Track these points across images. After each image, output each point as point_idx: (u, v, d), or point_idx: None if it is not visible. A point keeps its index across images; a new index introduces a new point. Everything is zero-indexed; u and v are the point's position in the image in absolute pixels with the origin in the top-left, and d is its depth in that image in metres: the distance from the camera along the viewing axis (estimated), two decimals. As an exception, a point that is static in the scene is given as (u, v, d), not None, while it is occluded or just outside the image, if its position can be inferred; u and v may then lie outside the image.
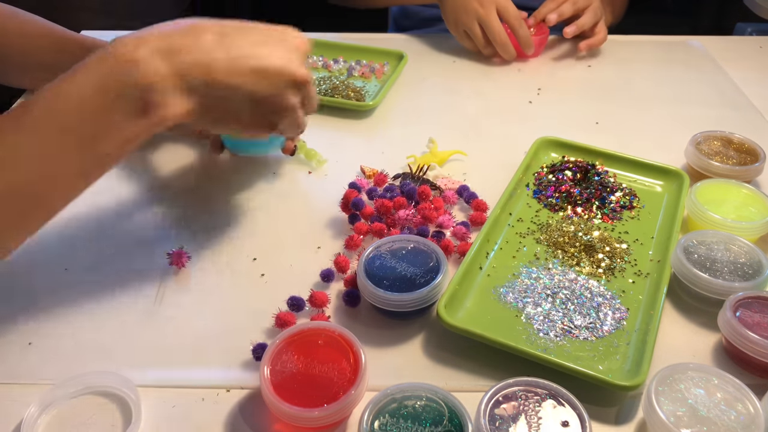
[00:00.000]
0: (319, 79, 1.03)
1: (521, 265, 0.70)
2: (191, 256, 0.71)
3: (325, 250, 0.73)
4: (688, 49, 1.17)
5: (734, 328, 0.60)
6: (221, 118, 0.61)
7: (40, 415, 0.55)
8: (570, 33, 1.10)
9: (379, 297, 0.62)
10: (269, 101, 0.61)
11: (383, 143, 0.90)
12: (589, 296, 0.66)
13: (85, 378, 0.57)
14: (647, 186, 0.82)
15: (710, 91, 1.04)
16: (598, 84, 1.06)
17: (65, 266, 0.70)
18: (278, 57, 0.60)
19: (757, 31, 1.38)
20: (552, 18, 1.08)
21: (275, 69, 0.60)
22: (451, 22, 1.11)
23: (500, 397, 0.54)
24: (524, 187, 0.81)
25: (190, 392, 0.59)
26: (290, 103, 0.62)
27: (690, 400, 0.54)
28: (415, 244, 0.67)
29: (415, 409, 0.53)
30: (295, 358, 0.57)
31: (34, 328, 0.64)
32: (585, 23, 1.10)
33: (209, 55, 0.57)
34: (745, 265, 0.67)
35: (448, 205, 0.78)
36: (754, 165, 0.80)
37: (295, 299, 0.65)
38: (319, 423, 0.54)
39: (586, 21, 1.10)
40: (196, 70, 0.56)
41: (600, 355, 0.61)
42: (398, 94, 1.02)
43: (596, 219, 0.76)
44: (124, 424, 0.55)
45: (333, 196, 0.79)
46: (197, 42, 0.57)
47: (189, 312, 0.66)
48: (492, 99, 1.02)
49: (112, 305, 0.66)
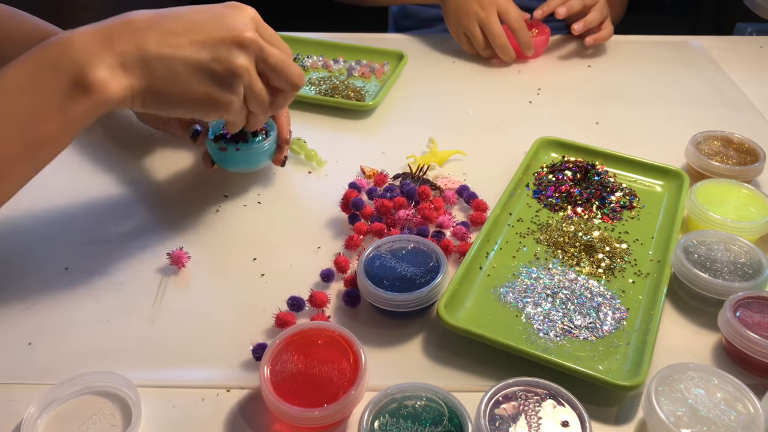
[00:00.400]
0: (319, 79, 1.03)
1: (521, 265, 0.70)
2: (191, 256, 0.71)
3: (325, 250, 0.73)
4: (688, 49, 1.17)
5: (734, 328, 0.60)
6: (170, 95, 0.59)
7: (40, 415, 0.55)
8: (578, 30, 1.10)
9: (379, 297, 0.62)
10: (215, 67, 0.59)
11: (383, 143, 0.90)
12: (589, 296, 0.66)
13: (85, 378, 0.57)
14: (647, 186, 0.82)
15: (710, 91, 1.04)
16: (598, 84, 1.06)
17: (65, 266, 0.70)
18: (217, 23, 0.60)
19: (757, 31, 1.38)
20: (561, 12, 1.08)
21: (215, 35, 0.59)
22: (452, 24, 1.11)
23: (500, 397, 0.54)
24: (524, 187, 0.81)
25: (190, 392, 0.59)
26: (238, 63, 0.60)
27: (690, 400, 0.54)
28: (415, 244, 0.67)
29: (415, 409, 0.53)
30: (295, 358, 0.57)
31: (34, 328, 0.64)
32: (593, 20, 1.10)
33: (141, 32, 0.57)
34: (745, 265, 0.67)
35: (448, 205, 0.78)
36: (754, 165, 0.80)
37: (295, 299, 0.65)
38: (319, 423, 0.54)
39: (594, 18, 1.10)
40: (129, 45, 0.56)
41: (600, 355, 0.61)
42: (398, 94, 1.02)
43: (596, 219, 0.76)
44: (124, 424, 0.55)
45: (333, 196, 0.79)
46: (129, 24, 0.58)
47: (189, 312, 0.66)
48: (492, 99, 1.02)
49: (112, 305, 0.66)
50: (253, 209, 0.79)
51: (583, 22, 1.10)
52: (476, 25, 1.07)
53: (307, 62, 1.07)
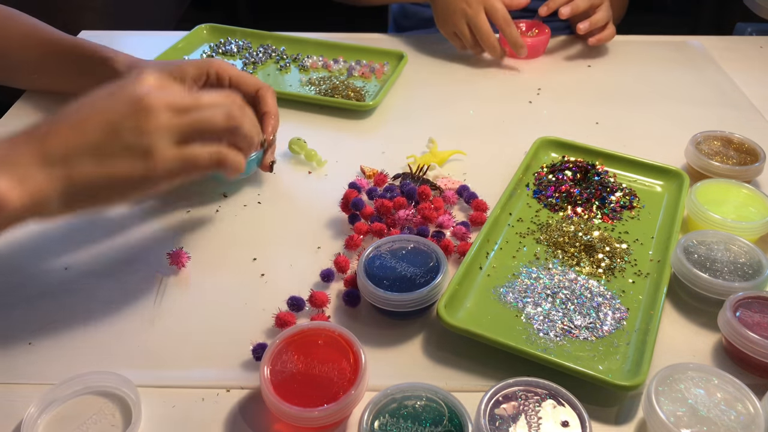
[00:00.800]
0: (319, 79, 1.03)
1: (521, 265, 0.70)
2: (191, 256, 0.71)
3: (325, 250, 0.73)
4: (688, 49, 1.17)
5: (734, 328, 0.60)
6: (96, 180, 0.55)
7: (40, 415, 0.55)
8: (584, 29, 1.10)
9: (379, 297, 0.62)
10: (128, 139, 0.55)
11: (383, 143, 0.90)
12: (589, 296, 0.66)
13: (85, 378, 0.57)
14: (647, 186, 0.82)
15: (710, 91, 1.04)
16: (598, 84, 1.06)
17: (65, 266, 0.70)
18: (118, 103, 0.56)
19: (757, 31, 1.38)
20: (565, 11, 1.07)
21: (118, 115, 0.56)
22: (440, 22, 1.11)
23: (500, 397, 0.54)
24: (524, 187, 0.81)
25: (190, 392, 0.59)
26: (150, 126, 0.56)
27: (690, 400, 0.54)
28: (415, 244, 0.67)
29: (415, 409, 0.53)
30: (295, 358, 0.57)
31: (34, 328, 0.64)
32: (599, 20, 1.10)
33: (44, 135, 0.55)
34: (745, 265, 0.67)
35: (448, 205, 0.78)
36: (754, 165, 0.80)
37: (295, 299, 0.65)
38: (319, 423, 0.54)
39: (600, 18, 1.10)
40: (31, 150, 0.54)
41: (600, 355, 0.61)
42: (398, 94, 1.02)
43: (596, 219, 0.76)
44: (124, 424, 0.55)
45: (333, 196, 0.79)
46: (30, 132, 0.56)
47: (189, 312, 0.66)
48: (492, 99, 1.02)
49: (112, 305, 0.66)
50: (253, 209, 0.79)
51: (589, 21, 1.09)
52: (464, 23, 1.07)
53: (307, 62, 1.07)
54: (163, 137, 0.56)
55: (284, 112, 0.88)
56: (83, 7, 1.26)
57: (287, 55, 1.10)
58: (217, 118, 0.59)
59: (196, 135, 0.58)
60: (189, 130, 0.58)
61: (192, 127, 0.58)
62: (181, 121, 0.57)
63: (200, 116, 0.58)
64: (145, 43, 1.14)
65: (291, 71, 1.06)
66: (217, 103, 0.60)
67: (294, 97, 0.98)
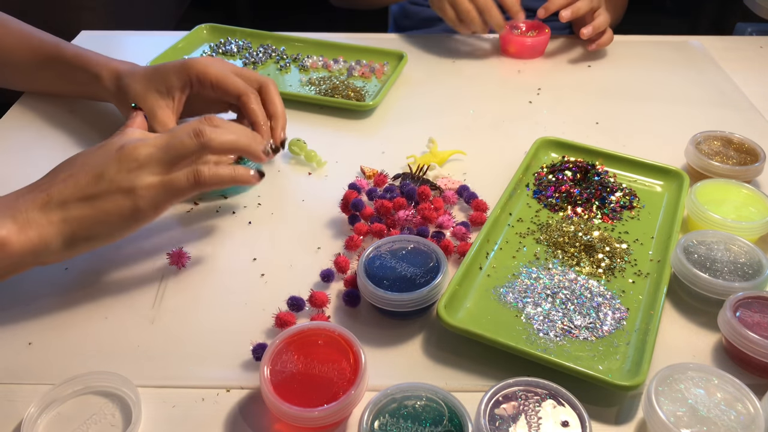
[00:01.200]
0: (319, 79, 1.03)
1: (521, 265, 0.70)
2: (191, 256, 0.71)
3: (325, 250, 0.73)
4: (688, 49, 1.17)
5: (734, 328, 0.60)
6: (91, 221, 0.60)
7: (40, 415, 0.55)
8: (587, 34, 1.09)
9: (379, 297, 0.62)
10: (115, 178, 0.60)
11: (383, 143, 0.90)
12: (589, 296, 0.66)
13: (85, 378, 0.57)
14: (647, 186, 0.82)
15: (710, 91, 1.05)
16: (598, 84, 1.06)
17: (65, 266, 0.70)
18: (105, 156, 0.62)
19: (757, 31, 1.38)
20: (566, 15, 1.07)
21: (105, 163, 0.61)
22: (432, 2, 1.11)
23: (500, 397, 0.54)
24: (524, 187, 0.81)
25: (190, 392, 0.59)
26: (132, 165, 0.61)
27: (690, 400, 0.54)
28: (415, 245, 0.67)
29: (415, 409, 0.53)
30: (295, 358, 0.57)
31: (34, 328, 0.64)
32: (601, 25, 1.10)
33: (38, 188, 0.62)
34: (745, 265, 0.67)
35: (448, 205, 0.78)
36: (754, 165, 0.80)
37: (295, 299, 0.65)
38: (319, 423, 0.54)
39: (601, 23, 1.10)
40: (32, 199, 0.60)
41: (600, 355, 0.61)
42: (398, 94, 1.02)
43: (596, 219, 0.76)
44: (124, 424, 0.55)
45: (333, 196, 0.79)
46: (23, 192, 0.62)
47: (189, 312, 0.66)
48: (492, 99, 1.02)
49: (112, 305, 0.67)
50: (253, 209, 0.79)
51: (591, 26, 1.09)
52: (446, 3, 1.06)
53: (307, 62, 1.07)
54: (142, 173, 0.61)
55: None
56: (83, 7, 1.26)
57: (287, 55, 1.10)
58: (184, 139, 0.63)
59: (175, 161, 0.62)
60: (166, 158, 0.62)
61: (168, 154, 0.62)
62: (156, 152, 0.62)
63: (171, 142, 0.62)
64: (145, 43, 1.14)
65: (291, 71, 1.06)
66: (188, 126, 0.64)
67: (294, 97, 0.98)
